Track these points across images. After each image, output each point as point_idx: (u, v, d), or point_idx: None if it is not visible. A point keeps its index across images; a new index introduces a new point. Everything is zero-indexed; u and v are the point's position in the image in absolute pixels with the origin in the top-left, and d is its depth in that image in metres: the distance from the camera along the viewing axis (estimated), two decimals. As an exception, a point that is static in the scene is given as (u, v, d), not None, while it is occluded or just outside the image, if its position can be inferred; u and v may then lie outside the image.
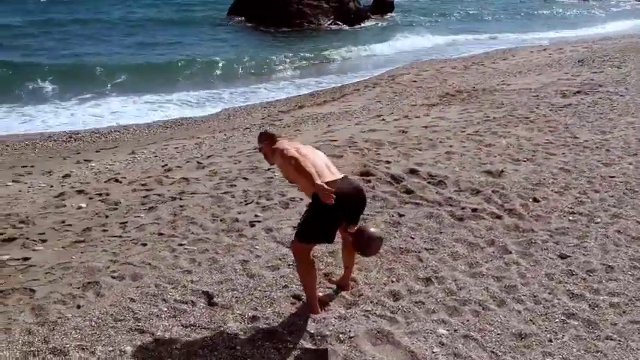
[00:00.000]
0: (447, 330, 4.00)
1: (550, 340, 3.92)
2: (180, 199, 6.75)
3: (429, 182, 6.78)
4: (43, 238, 5.88)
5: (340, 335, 3.96)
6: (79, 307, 4.47)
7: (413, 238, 5.38)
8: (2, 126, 13.03)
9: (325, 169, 4.13)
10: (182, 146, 10.28)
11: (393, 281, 4.66)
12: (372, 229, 4.30)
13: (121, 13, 33.91)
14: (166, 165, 8.49)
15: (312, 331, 4.00)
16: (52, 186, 7.95)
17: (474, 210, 5.93)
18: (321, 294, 4.46)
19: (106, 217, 6.40)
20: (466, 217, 5.79)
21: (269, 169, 7.25)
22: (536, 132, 8.92)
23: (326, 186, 3.85)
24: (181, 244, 5.47)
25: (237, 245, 5.40)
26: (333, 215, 4.03)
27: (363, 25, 36.12)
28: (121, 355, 3.86)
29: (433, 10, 40.38)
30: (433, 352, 3.78)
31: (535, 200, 6.12)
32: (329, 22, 37.64)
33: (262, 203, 6.39)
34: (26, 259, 5.40)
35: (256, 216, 6.05)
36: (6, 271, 5.17)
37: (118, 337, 4.05)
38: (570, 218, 5.67)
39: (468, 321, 4.11)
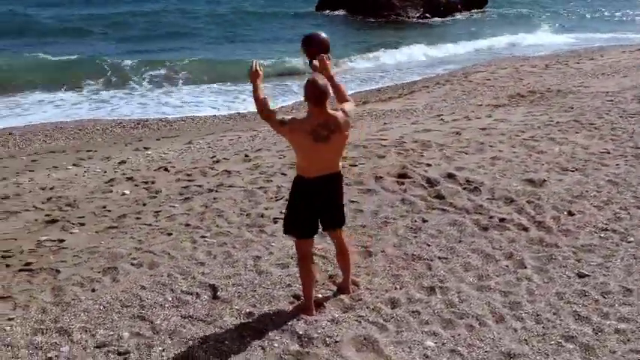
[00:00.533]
0: (435, 343, 3.93)
1: (540, 363, 3.77)
2: (217, 191, 6.96)
3: (464, 188, 6.61)
4: (81, 221, 6.26)
5: (327, 339, 3.98)
6: (93, 290, 4.75)
7: (429, 246, 5.28)
8: (83, 112, 13.90)
9: (326, 163, 4.04)
10: (237, 138, 10.54)
11: (396, 288, 4.61)
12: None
13: (211, 7, 35.06)
14: (215, 156, 8.76)
15: (300, 333, 4.05)
16: (105, 171, 8.42)
17: (502, 220, 5.74)
18: (320, 295, 4.49)
19: (144, 205, 6.71)
20: (491, 227, 5.62)
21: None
22: (596, 140, 8.45)
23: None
24: (203, 237, 5.66)
25: (254, 241, 5.52)
26: (305, 206, 4.08)
27: (452, 18, 35.41)
28: (117, 339, 4.07)
29: (528, 6, 38.88)
30: (415, 365, 3.73)
31: (570, 213, 5.83)
32: (418, 15, 37.19)
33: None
34: (61, 240, 5.78)
35: (282, 212, 6.13)
36: (40, 251, 5.56)
37: (120, 323, 4.27)
38: (601, 235, 5.36)
39: (459, 335, 4.01)
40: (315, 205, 4.11)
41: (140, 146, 10.35)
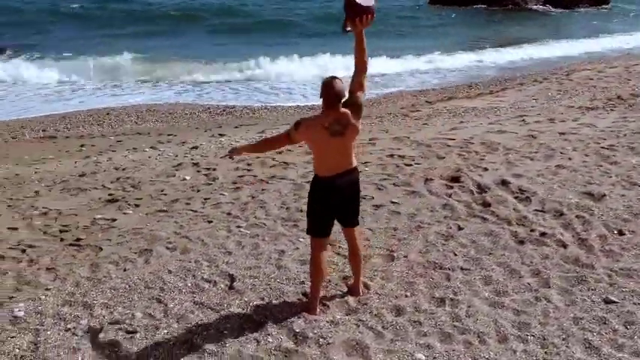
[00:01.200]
0: (426, 356, 3.87)
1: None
2: (268, 182, 7.17)
3: (515, 197, 6.35)
4: (137, 203, 6.71)
5: (320, 340, 4.04)
6: (125, 270, 5.11)
7: (455, 255, 5.16)
8: (178, 96, 14.72)
9: (340, 160, 4.11)
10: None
11: (406, 296, 4.57)
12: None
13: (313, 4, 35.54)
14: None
15: (297, 330, 4.13)
16: (177, 156, 8.90)
17: (542, 234, 5.47)
18: (327, 295, 4.55)
19: (197, 191, 7.06)
20: (528, 240, 5.37)
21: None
22: (684, 155, 7.76)
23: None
24: (239, 227, 5.88)
25: (285, 235, 5.66)
26: (321, 206, 4.17)
27: (574, 10, 33.58)
28: (130, 318, 4.37)
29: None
30: (397, 376, 3.71)
31: (620, 233, 5.44)
32: (538, 4, 35.66)
33: (334, 197, 6.54)
34: (113, 220, 6.23)
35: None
36: (92, 228, 6.04)
37: (138, 303, 4.57)
38: (646, 260, 4.98)
39: (454, 351, 3.92)
40: (331, 204, 4.19)
41: (217, 133, 10.81)
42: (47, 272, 5.11)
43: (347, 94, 4.02)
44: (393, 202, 6.31)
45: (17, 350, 4.01)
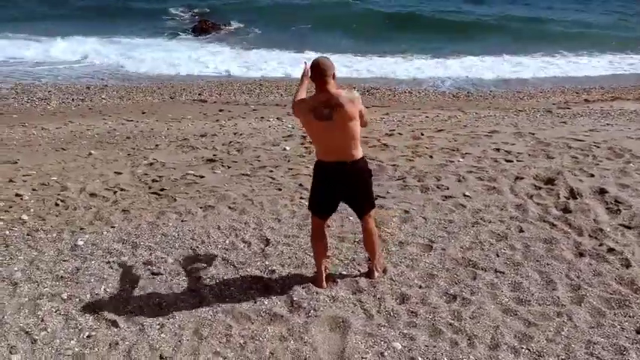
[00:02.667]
0: (403, 346, 3.76)
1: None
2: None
3: (607, 207, 5.71)
4: (229, 165, 7.21)
5: (312, 311, 4.11)
6: (182, 220, 5.61)
7: (497, 256, 4.84)
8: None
9: (336, 148, 4.00)
10: (435, 116, 10.46)
11: (420, 287, 4.42)
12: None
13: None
14: (393, 130, 8.95)
15: (294, 299, 4.25)
16: (293, 128, 9.29)
17: (610, 250, 4.88)
18: (346, 272, 4.59)
19: (288, 161, 7.37)
20: (589, 254, 4.84)
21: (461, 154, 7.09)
22: None
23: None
24: (302, 198, 6.06)
25: (340, 213, 5.70)
26: (322, 189, 4.17)
27: None
28: (160, 262, 4.82)
29: None
30: (362, 358, 3.67)
31: None
32: None
33: (409, 183, 6.44)
34: (201, 177, 6.79)
35: (388, 192, 6.19)
36: (180, 182, 6.66)
37: (176, 250, 5.02)
38: None
39: (434, 347, 3.74)
40: (330, 190, 4.17)
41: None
42: (121, 213, 5.79)
43: (334, 72, 3.92)
44: (465, 196, 6.03)
45: (61, 272, 4.66)
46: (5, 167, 7.30)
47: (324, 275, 4.44)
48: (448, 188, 6.26)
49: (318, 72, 3.87)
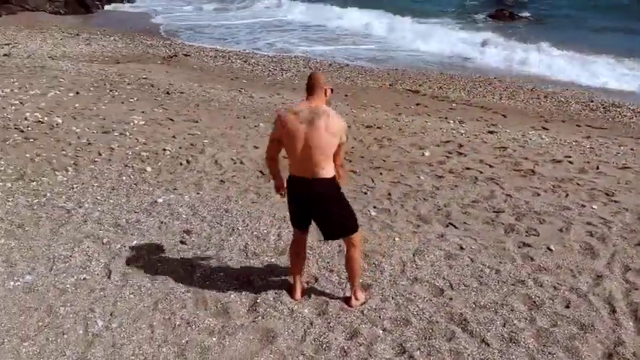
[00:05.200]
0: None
1: None
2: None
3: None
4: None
5: (258, 317, 4.07)
6: (253, 202, 5.96)
7: (504, 327, 4.08)
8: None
9: (304, 161, 3.85)
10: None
11: (384, 330, 4.00)
12: None
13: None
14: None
15: (258, 301, 4.25)
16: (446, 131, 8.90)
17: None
18: (305, 285, 4.49)
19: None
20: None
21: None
22: None
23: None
24: (375, 208, 5.87)
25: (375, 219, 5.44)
26: (291, 203, 4.12)
27: None
28: (198, 233, 5.27)
29: None
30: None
31: None
32: None
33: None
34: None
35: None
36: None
37: (222, 227, 5.41)
38: None
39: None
40: (298, 205, 4.08)
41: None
42: (219, 183, 6.41)
43: (325, 90, 3.91)
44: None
45: (123, 221, 5.48)
46: (185, 124, 8.53)
47: (298, 287, 4.38)
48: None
49: (310, 83, 3.93)
